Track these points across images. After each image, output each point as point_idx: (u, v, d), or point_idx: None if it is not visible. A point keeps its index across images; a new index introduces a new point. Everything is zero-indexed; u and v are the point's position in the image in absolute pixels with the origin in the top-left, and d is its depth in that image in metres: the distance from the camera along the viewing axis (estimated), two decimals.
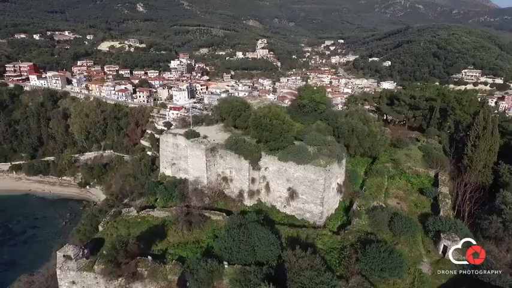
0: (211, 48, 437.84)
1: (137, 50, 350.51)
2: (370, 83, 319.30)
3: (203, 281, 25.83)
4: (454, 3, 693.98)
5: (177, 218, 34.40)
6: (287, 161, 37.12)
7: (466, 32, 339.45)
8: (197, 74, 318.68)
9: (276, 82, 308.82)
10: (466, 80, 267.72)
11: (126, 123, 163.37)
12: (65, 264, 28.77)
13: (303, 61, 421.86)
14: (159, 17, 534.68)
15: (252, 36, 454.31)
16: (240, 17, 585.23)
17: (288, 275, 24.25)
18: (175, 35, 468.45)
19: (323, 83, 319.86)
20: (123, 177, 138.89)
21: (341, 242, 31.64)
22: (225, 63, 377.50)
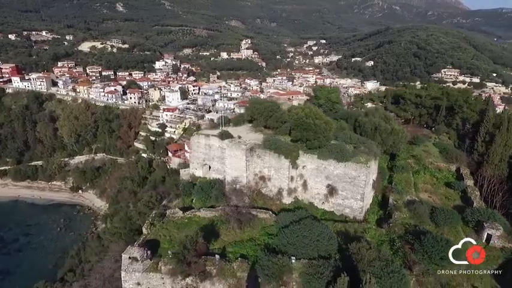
0: (195, 48, 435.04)
1: (120, 50, 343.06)
2: (354, 82, 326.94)
3: (274, 276, 26.84)
4: (428, 5, 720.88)
5: (228, 217, 35.11)
6: (327, 159, 38.58)
7: (443, 32, 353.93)
8: (183, 74, 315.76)
9: (262, 82, 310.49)
10: (446, 79, 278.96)
11: (118, 125, 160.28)
12: (130, 266, 28.91)
13: (287, 61, 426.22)
14: (140, 17, 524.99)
15: (235, 37, 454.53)
16: (222, 17, 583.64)
17: (359, 265, 25.64)
18: (157, 35, 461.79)
19: (309, 82, 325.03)
20: (119, 180, 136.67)
21: (387, 235, 33.41)
22: (210, 63, 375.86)
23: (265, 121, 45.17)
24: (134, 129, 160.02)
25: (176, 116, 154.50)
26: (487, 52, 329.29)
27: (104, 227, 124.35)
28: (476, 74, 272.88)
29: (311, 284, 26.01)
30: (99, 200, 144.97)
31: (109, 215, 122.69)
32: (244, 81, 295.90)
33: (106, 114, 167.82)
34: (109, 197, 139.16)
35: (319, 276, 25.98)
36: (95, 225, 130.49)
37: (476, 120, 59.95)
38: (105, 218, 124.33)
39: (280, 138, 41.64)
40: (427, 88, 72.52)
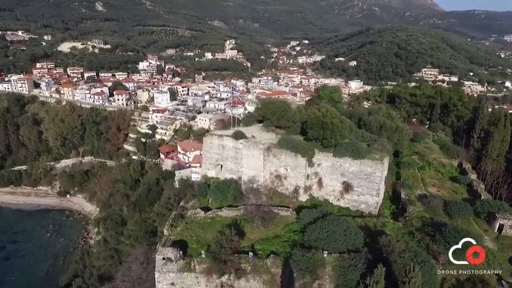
0: (179, 49, 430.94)
1: (102, 51, 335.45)
2: (338, 82, 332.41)
3: (308, 270, 27.76)
4: (406, 6, 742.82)
5: (252, 216, 35.72)
6: (342, 157, 39.87)
7: (422, 33, 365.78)
8: (168, 75, 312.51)
9: (248, 83, 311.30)
10: (426, 78, 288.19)
11: (107, 127, 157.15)
12: (164, 266, 29.06)
13: (272, 61, 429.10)
14: (121, 16, 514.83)
15: (219, 37, 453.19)
16: (204, 17, 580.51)
17: (390, 257, 26.93)
18: (139, 35, 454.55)
19: (294, 82, 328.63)
20: (111, 183, 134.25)
21: (404, 228, 35.00)
22: (194, 64, 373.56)
23: (278, 121, 46.04)
24: (123, 131, 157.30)
25: (166, 117, 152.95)
26: (463, 52, 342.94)
27: (96, 231, 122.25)
28: (454, 73, 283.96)
29: (346, 276, 27.14)
30: (89, 204, 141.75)
31: (101, 219, 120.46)
32: (229, 82, 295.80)
33: (93, 117, 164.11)
34: (100, 200, 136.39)
35: (353, 269, 27.16)
36: (86, 230, 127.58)
37: (470, 118, 63.15)
38: (97, 222, 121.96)
39: (295, 138, 42.67)
40: (420, 87, 75.49)
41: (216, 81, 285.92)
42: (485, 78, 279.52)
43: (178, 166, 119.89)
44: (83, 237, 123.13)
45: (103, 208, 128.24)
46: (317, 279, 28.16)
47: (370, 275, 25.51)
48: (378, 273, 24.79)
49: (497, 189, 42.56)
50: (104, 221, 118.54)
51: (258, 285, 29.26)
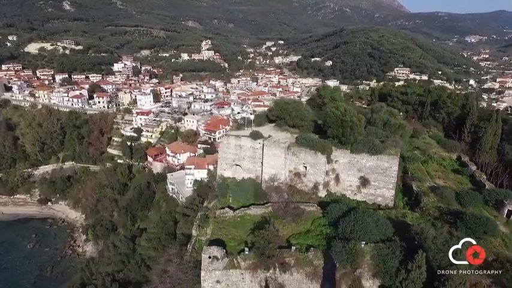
0: (154, 49, 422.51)
1: (74, 52, 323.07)
2: (315, 81, 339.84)
3: (350, 261, 29.40)
4: (375, 8, 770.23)
5: (281, 212, 36.91)
6: (360, 153, 42.00)
7: (393, 34, 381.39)
8: (145, 77, 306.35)
9: (227, 83, 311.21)
10: (399, 77, 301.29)
11: (88, 131, 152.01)
12: (211, 265, 29.60)
13: (249, 62, 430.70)
14: (90, 16, 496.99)
15: (195, 38, 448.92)
16: (178, 17, 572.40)
17: (424, 244, 29.08)
18: (111, 35, 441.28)
19: (272, 82, 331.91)
20: (97, 188, 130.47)
21: (422, 217, 37.56)
22: (171, 65, 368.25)
23: (292, 120, 47.58)
24: (106, 134, 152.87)
25: (151, 120, 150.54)
26: (430, 52, 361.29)
27: (85, 238, 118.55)
28: (424, 72, 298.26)
29: (386, 263, 29.03)
30: (72, 211, 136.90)
31: (90, 225, 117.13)
32: (208, 83, 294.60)
33: (73, 120, 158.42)
34: (85, 207, 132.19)
35: (392, 256, 29.11)
36: (72, 238, 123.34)
37: (459, 114, 67.79)
38: (85, 229, 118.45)
39: (312, 136, 44.37)
40: (409, 86, 79.71)
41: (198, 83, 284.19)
42: (452, 77, 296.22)
43: (168, 169, 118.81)
44: (69, 246, 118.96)
45: (90, 214, 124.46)
46: (358, 268, 29.94)
47: (410, 261, 27.60)
48: (419, 258, 26.87)
49: (496, 178, 46.44)
50: (93, 228, 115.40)
51: (301, 277, 30.60)
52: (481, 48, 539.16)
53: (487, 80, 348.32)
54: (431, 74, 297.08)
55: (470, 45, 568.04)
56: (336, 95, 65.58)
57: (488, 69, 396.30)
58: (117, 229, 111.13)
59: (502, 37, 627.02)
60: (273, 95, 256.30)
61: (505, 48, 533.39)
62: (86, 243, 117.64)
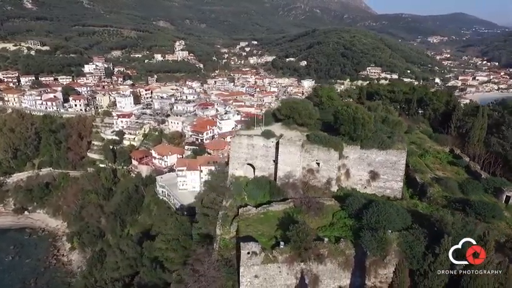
0: (125, 50, 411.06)
1: (40, 53, 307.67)
2: (291, 81, 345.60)
3: (379, 249, 31.32)
4: (344, 9, 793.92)
5: (304, 207, 38.24)
6: (369, 149, 44.25)
7: (363, 34, 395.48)
8: (118, 78, 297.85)
9: (203, 84, 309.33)
10: (371, 76, 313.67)
11: (66, 135, 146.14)
12: (250, 260, 30.34)
13: (224, 62, 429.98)
14: (55, 15, 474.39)
15: (168, 38, 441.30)
16: (149, 17, 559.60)
17: (445, 229, 31.58)
18: (79, 36, 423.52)
19: (249, 83, 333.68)
20: (79, 194, 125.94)
21: (431, 206, 40.40)
22: (144, 66, 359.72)
23: (301, 119, 49.15)
24: (86, 138, 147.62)
25: (133, 122, 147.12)
26: (399, 52, 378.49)
27: (70, 246, 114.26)
28: (394, 71, 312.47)
29: (413, 249, 31.15)
30: (53, 219, 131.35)
31: (75, 233, 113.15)
32: (184, 83, 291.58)
33: (48, 125, 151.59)
34: (67, 214, 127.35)
35: (417, 243, 31.28)
36: (55, 247, 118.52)
37: (444, 110, 72.56)
38: (70, 237, 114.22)
39: (322, 134, 46.18)
40: (395, 85, 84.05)
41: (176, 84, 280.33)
42: (420, 75, 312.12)
43: (156, 171, 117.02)
44: (53, 255, 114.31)
45: (73, 222, 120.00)
46: (386, 255, 31.96)
47: (436, 245, 29.98)
48: (445, 242, 29.23)
49: (488, 168, 50.60)
50: (79, 235, 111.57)
51: (334, 267, 32.12)
52: (443, 48, 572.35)
53: (450, 78, 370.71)
54: (400, 73, 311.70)
55: (433, 46, 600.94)
56: (332, 94, 68.07)
57: (451, 68, 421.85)
58: (105, 235, 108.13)
59: (461, 38, 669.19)
60: (250, 95, 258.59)
61: (464, 48, 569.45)
62: (71, 252, 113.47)
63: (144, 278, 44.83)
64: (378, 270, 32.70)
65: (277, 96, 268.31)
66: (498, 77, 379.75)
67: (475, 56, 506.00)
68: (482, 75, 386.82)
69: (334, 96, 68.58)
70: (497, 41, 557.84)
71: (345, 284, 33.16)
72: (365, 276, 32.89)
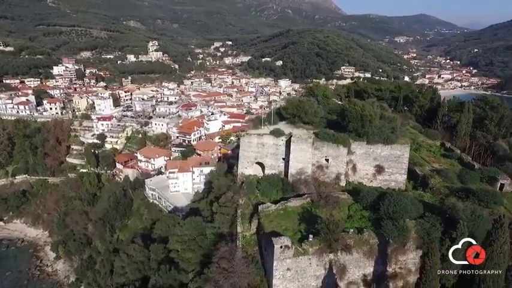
0: (96, 51, 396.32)
1: (3, 54, 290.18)
2: (268, 81, 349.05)
3: (400, 236, 33.41)
4: (315, 10, 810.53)
5: (321, 202, 39.75)
6: (375, 144, 46.67)
7: (336, 35, 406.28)
8: (90, 80, 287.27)
9: (180, 85, 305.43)
10: (346, 76, 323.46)
11: (43, 140, 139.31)
12: (282, 254, 31.29)
13: (199, 63, 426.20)
14: (16, 14, 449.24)
15: (140, 38, 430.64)
16: (119, 17, 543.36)
17: (457, 215, 34.14)
18: (44, 36, 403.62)
19: (226, 83, 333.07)
20: (62, 201, 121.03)
21: (435, 196, 43.36)
22: (117, 67, 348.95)
23: (307, 117, 50.80)
24: (64, 143, 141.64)
25: (115, 125, 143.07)
26: (370, 51, 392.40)
27: (55, 256, 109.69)
28: (367, 70, 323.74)
29: (431, 235, 33.45)
30: (32, 229, 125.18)
31: (60, 241, 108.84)
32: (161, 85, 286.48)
33: (22, 129, 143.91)
34: (48, 223, 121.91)
35: (434, 229, 33.65)
36: (37, 257, 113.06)
37: (429, 107, 77.18)
38: (55, 246, 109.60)
39: (330, 131, 48.10)
40: (382, 84, 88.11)
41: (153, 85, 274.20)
42: (391, 74, 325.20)
43: (143, 174, 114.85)
44: (36, 266, 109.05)
45: (56, 230, 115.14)
46: (407, 242, 34.18)
47: (453, 230, 32.55)
48: (461, 227, 31.83)
49: (478, 159, 54.74)
50: (64, 243, 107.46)
51: (359, 256, 33.85)
52: (409, 48, 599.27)
53: (418, 76, 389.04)
54: (373, 72, 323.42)
55: (400, 45, 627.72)
56: (328, 93, 70.59)
57: (418, 67, 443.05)
58: (92, 242, 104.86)
59: (425, 38, 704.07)
60: (228, 95, 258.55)
61: (429, 48, 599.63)
62: (56, 261, 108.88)
63: (159, 280, 44.57)
64: (398, 256, 34.86)
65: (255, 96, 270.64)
66: (460, 75, 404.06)
67: (439, 55, 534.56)
68: (446, 73, 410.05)
69: (329, 94, 71.12)
70: (458, 41, 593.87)
71: (369, 272, 35.09)
72: (386, 263, 34.95)
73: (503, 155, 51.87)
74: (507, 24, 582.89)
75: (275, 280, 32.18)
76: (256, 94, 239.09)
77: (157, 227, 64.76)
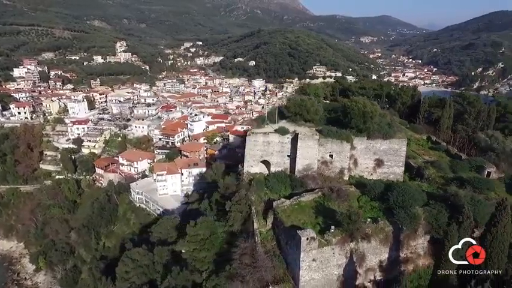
0: (59, 52, 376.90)
1: None
2: (242, 81, 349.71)
3: (412, 223, 35.96)
4: (283, 10, 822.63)
5: (333, 195, 41.52)
6: (375, 139, 49.37)
7: (306, 35, 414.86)
8: (56, 83, 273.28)
9: (152, 86, 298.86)
10: (317, 75, 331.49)
11: (12, 147, 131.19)
12: (308, 245, 32.51)
13: (170, 64, 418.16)
14: None
15: (107, 39, 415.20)
16: (82, 16, 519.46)
17: (460, 201, 37.24)
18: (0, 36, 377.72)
19: (200, 84, 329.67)
20: (39, 210, 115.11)
21: (431, 186, 46.70)
22: (84, 68, 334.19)
23: (309, 115, 52.61)
24: (36, 149, 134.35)
25: (92, 129, 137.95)
26: (339, 51, 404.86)
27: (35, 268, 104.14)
28: (338, 69, 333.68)
29: (438, 220, 36.29)
30: (4, 241, 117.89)
31: (40, 252, 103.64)
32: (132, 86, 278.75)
33: None
34: (23, 233, 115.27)
35: (441, 214, 36.59)
36: (13, 271, 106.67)
37: (410, 103, 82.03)
38: (35, 257, 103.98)
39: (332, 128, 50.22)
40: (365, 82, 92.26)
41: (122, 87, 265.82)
42: (360, 73, 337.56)
43: (126, 178, 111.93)
44: (13, 281, 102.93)
45: (34, 241, 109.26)
46: (418, 228, 36.85)
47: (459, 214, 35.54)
48: (466, 211, 34.82)
49: (462, 150, 59.31)
50: (45, 254, 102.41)
51: (376, 244, 35.96)
52: (374, 48, 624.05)
53: (384, 75, 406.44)
54: (344, 71, 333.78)
55: (365, 45, 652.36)
56: (319, 91, 73.08)
57: (384, 66, 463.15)
58: (76, 251, 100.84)
59: (388, 38, 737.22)
60: (203, 96, 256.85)
61: (392, 48, 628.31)
62: (36, 274, 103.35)
63: (172, 282, 44.37)
64: (410, 242, 37.52)
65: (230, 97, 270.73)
66: (423, 73, 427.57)
67: (402, 55, 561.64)
68: (409, 71, 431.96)
69: (320, 93, 73.67)
70: (418, 41, 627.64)
71: (384, 258, 37.42)
72: (399, 249, 37.49)
73: (485, 145, 56.67)
74: (461, 26, 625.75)
75: (301, 271, 33.52)
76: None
77: (155, 230, 63.70)
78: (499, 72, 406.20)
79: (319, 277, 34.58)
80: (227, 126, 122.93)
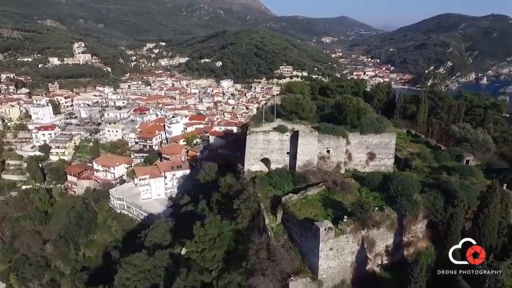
0: (9, 53, 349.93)
1: None
2: (209, 82, 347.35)
3: (414, 209, 39.06)
4: (246, 11, 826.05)
5: (337, 188, 43.63)
6: (367, 134, 52.37)
7: (271, 35, 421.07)
8: (9, 86, 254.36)
9: (116, 89, 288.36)
10: (285, 75, 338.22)
11: None
12: (326, 235, 34.13)
13: (133, 65, 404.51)
14: None
15: (63, 39, 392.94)
16: (32, 15, 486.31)
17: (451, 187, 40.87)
18: None
19: (167, 86, 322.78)
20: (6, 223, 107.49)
21: (420, 175, 50.60)
22: (39, 71, 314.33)
23: (305, 113, 54.62)
24: None
25: (59, 134, 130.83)
26: (304, 51, 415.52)
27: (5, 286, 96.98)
28: (304, 69, 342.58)
29: (435, 205, 39.61)
30: None
31: (11, 268, 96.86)
32: (94, 89, 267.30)
33: None
34: None
35: (438, 200, 40.10)
36: None
37: (386, 100, 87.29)
38: (5, 275, 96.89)
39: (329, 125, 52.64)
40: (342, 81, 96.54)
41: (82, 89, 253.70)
42: (326, 72, 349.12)
43: (105, 185, 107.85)
44: None
45: (3, 257, 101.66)
46: (418, 213, 40.11)
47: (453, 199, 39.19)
48: (460, 195, 38.58)
49: (439, 142, 64.53)
50: (16, 271, 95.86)
51: (384, 230, 38.58)
52: (335, 48, 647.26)
53: (347, 74, 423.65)
54: (309, 71, 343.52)
55: (327, 45, 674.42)
56: (304, 90, 75.63)
57: (345, 65, 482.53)
58: (52, 264, 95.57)
59: (347, 38, 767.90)
60: (171, 98, 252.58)
61: (352, 48, 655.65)
62: None
63: (181, 284, 44.16)
64: (411, 226, 40.72)
65: (199, 98, 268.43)
66: (382, 72, 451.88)
67: (361, 54, 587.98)
68: (369, 70, 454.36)
69: (305, 91, 76.23)
70: (375, 41, 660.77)
71: (390, 243, 40.24)
72: (402, 234, 40.56)
73: (460, 137, 62.27)
74: (413, 27, 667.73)
75: (320, 260, 35.23)
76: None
77: (150, 234, 62.68)
78: (448, 70, 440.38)
79: (335, 265, 36.52)
80: (205, 128, 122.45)
